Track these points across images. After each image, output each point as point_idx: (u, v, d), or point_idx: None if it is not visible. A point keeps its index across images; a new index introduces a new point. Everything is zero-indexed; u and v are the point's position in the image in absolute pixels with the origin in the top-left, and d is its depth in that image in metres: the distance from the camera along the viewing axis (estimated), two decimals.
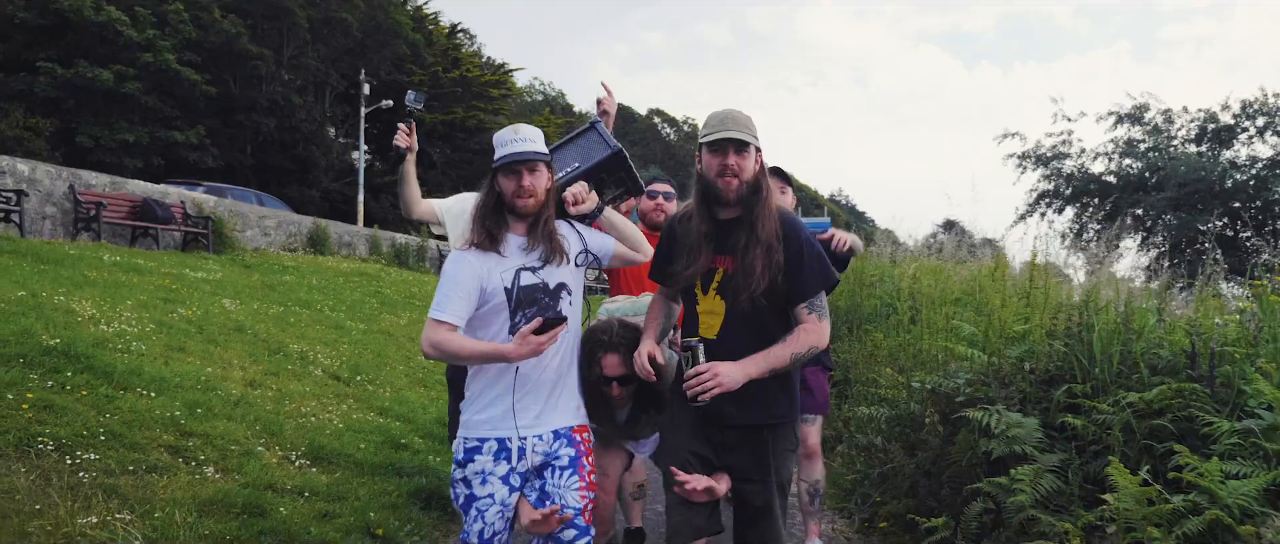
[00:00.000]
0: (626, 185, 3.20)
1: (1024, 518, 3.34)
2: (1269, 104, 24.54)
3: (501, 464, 2.69)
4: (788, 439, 2.81)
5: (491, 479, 2.68)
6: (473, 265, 2.68)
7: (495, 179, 2.76)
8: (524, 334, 2.50)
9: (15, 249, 9.01)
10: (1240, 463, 2.81)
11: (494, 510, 2.68)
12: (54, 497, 3.61)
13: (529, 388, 2.70)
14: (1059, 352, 4.07)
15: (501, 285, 2.69)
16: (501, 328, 2.69)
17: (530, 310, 2.69)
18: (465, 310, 2.65)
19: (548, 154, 2.78)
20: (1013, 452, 3.61)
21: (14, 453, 3.90)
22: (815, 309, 2.66)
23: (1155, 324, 4.11)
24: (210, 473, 4.25)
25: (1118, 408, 3.51)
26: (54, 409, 4.36)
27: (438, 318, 2.64)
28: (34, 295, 6.43)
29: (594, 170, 3.06)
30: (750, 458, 2.74)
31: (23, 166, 11.86)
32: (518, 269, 2.71)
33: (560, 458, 2.73)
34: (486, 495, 2.68)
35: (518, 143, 2.72)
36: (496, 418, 2.70)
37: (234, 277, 11.04)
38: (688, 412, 2.69)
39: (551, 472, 2.72)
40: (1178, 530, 2.76)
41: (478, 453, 2.70)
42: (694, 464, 2.70)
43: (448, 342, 2.62)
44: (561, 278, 2.76)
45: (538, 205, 2.72)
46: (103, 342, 5.63)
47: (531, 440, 2.70)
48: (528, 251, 2.73)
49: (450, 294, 2.65)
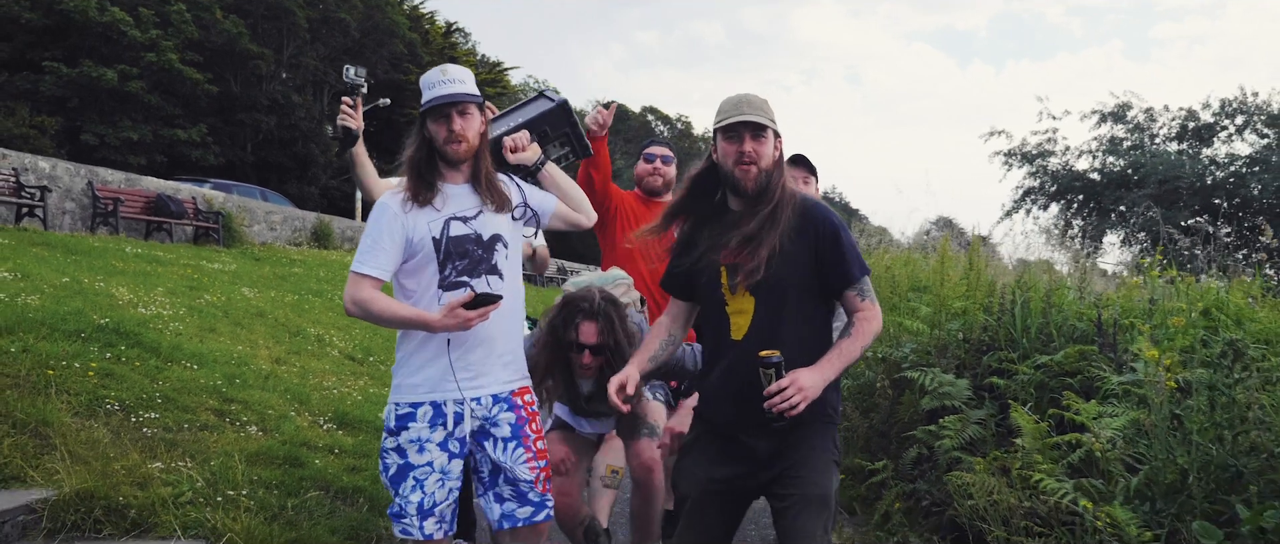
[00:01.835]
0: (572, 145, 3.01)
1: (950, 459, 3.97)
2: (1248, 103, 25.17)
3: (438, 430, 2.53)
4: (829, 445, 2.46)
5: (429, 446, 2.52)
6: (397, 214, 2.51)
7: (424, 125, 2.57)
8: (452, 306, 2.35)
9: (46, 241, 9.61)
10: (1114, 405, 3.44)
11: (433, 478, 2.52)
12: (127, 445, 4.23)
13: (465, 347, 2.53)
14: (991, 324, 4.71)
15: (429, 235, 2.52)
16: (431, 281, 2.54)
17: (460, 262, 2.54)
18: (390, 263, 2.51)
19: (480, 96, 2.60)
20: (944, 406, 4.24)
21: (86, 412, 4.50)
22: (866, 294, 2.45)
23: (1075, 300, 4.75)
24: (253, 431, 4.87)
25: (1034, 369, 4.15)
26: (114, 377, 4.97)
27: (359, 271, 2.49)
28: (76, 281, 7.03)
29: (537, 121, 2.87)
30: (790, 466, 2.41)
31: (44, 164, 12.44)
32: (448, 219, 2.54)
33: (500, 425, 2.58)
34: (425, 463, 2.52)
35: (446, 84, 2.53)
36: (432, 380, 2.54)
37: (247, 268, 11.64)
38: (710, 433, 2.50)
39: (493, 444, 2.57)
40: (1064, 461, 3.39)
41: (412, 419, 2.53)
42: (711, 498, 2.48)
43: (372, 301, 2.47)
44: (497, 229, 2.59)
45: (470, 151, 2.56)
46: (145, 322, 6.24)
47: (469, 404, 2.55)
48: (461, 201, 2.58)
49: (374, 245, 2.49)
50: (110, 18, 24.90)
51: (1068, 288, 4.74)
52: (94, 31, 25.15)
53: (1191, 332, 3.63)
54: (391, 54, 35.68)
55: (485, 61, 44.19)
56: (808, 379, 2.26)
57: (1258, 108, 24.88)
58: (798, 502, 2.36)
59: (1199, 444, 2.65)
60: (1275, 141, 24.58)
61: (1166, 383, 2.78)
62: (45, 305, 5.91)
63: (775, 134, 2.45)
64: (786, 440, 2.40)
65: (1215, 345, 2.96)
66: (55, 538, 3.56)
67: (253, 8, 29.45)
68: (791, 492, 2.37)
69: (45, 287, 6.58)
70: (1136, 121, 26.51)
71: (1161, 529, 2.58)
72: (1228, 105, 25.25)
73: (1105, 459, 3.08)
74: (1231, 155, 25.27)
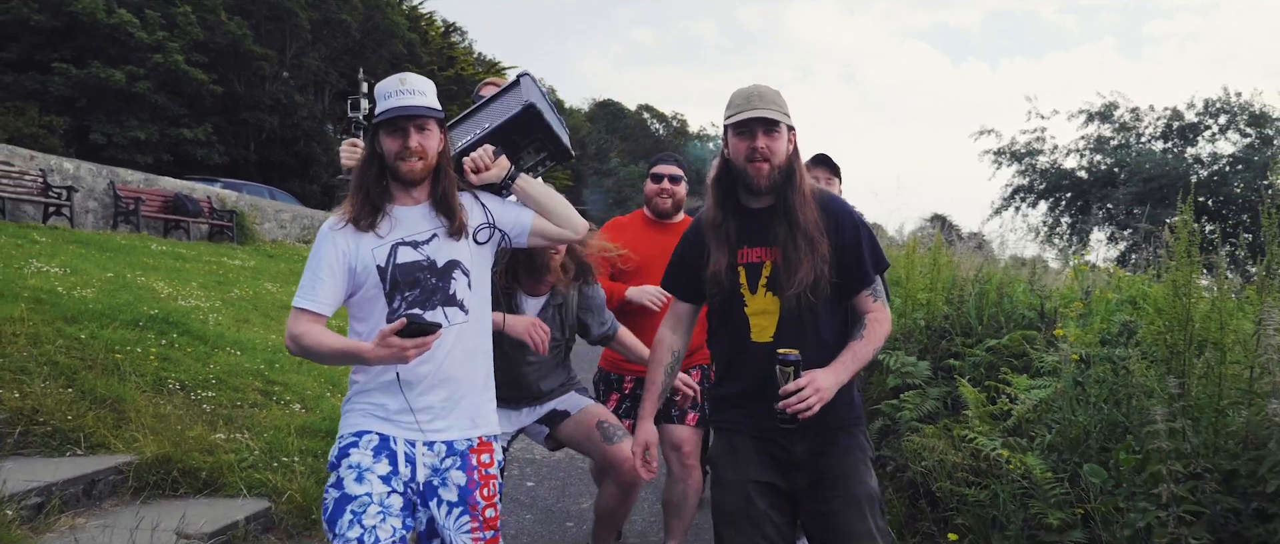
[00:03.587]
0: (547, 148, 2.61)
1: (909, 428, 4.59)
2: (1230, 103, 25.80)
3: (382, 462, 2.23)
4: (866, 444, 2.44)
5: (369, 476, 2.20)
6: (337, 242, 2.26)
7: (376, 138, 2.30)
8: (384, 334, 2.03)
9: (77, 239, 10.20)
10: (1043, 379, 4.06)
11: (373, 510, 2.17)
12: (191, 419, 4.83)
13: (422, 387, 2.26)
14: (951, 313, 5.34)
15: (374, 263, 2.26)
16: (380, 318, 2.26)
17: (411, 293, 2.27)
18: (332, 296, 2.25)
19: (441, 111, 2.33)
20: (907, 384, 4.86)
21: (153, 390, 5.10)
22: (878, 295, 2.40)
23: (1025, 291, 5.38)
24: (296, 409, 5.47)
25: (985, 351, 4.77)
26: (171, 361, 5.57)
27: (299, 305, 2.23)
28: (120, 276, 7.63)
29: (502, 132, 2.51)
30: (831, 468, 2.34)
31: (68, 166, 13.04)
32: (395, 244, 2.27)
33: (447, 485, 2.28)
34: (363, 494, 2.18)
35: (404, 94, 2.26)
36: (383, 413, 2.27)
37: (264, 264, 12.25)
38: (743, 440, 2.38)
39: (437, 503, 2.27)
40: (1000, 426, 4.00)
41: (354, 447, 2.24)
42: (759, 496, 2.34)
43: (306, 334, 2.19)
44: (454, 255, 2.31)
45: (427, 170, 2.29)
46: (187, 313, 6.84)
47: (420, 448, 2.26)
48: (411, 224, 2.31)
49: (313, 278, 2.25)
50: (118, 20, 25.43)
51: (1019, 281, 5.37)
52: (102, 33, 25.66)
53: (1116, 317, 4.25)
54: (391, 54, 36.21)
55: (482, 60, 44.72)
56: (825, 380, 2.20)
57: (1240, 107, 25.52)
58: (848, 502, 2.29)
59: (1095, 405, 3.26)
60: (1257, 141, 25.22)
61: (1072, 357, 3.40)
62: (100, 297, 6.51)
63: (789, 128, 2.35)
64: (823, 444, 2.34)
65: (1113, 325, 3.58)
66: (140, 495, 4.16)
67: (256, 9, 30.01)
68: (837, 493, 2.29)
69: (94, 281, 7.18)
70: (1122, 121, 27.18)
71: (1065, 473, 3.19)
72: (1211, 105, 25.88)
73: (1027, 422, 3.70)
74: (1214, 154, 25.96)
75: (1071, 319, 4.49)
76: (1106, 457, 3.11)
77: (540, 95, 2.65)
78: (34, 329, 5.29)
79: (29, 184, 12.06)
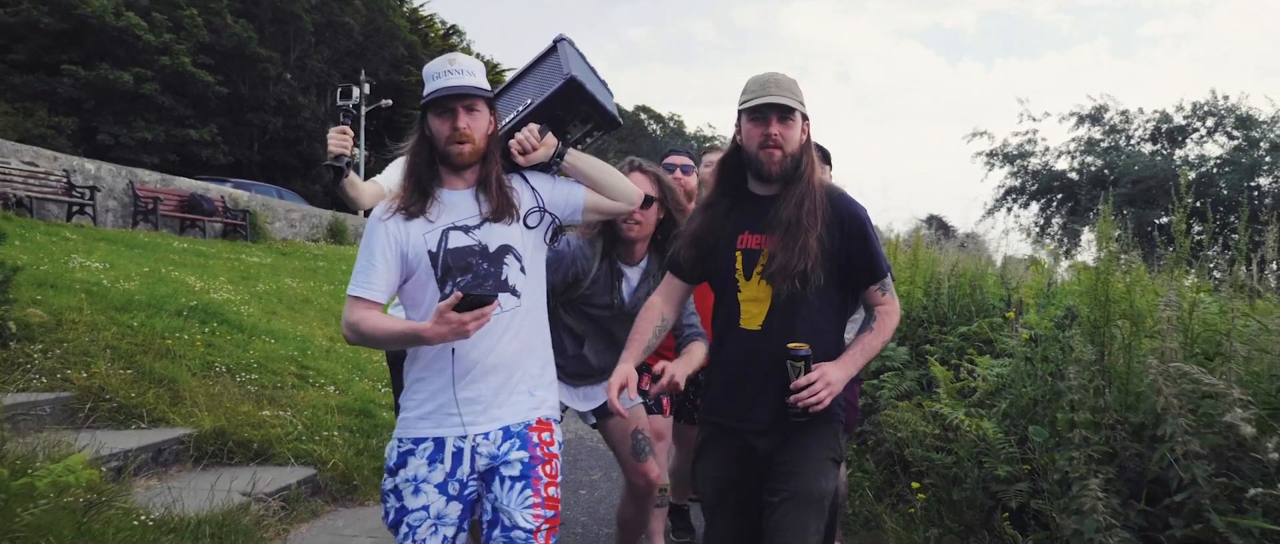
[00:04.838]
0: (594, 118, 2.53)
1: (888, 405, 5.11)
2: (1218, 106, 26.30)
3: (437, 470, 2.24)
4: (830, 443, 2.36)
5: (425, 488, 2.24)
6: (389, 229, 2.25)
7: (425, 121, 2.28)
8: (441, 310, 2.03)
9: (104, 237, 10.70)
10: (1003, 359, 4.58)
11: (427, 526, 2.22)
12: (239, 398, 5.34)
13: (474, 375, 2.24)
14: (929, 303, 5.86)
15: (425, 249, 2.24)
16: (432, 304, 2.21)
17: (463, 278, 2.24)
18: (386, 282, 2.24)
19: (490, 91, 2.31)
20: (887, 367, 5.38)
21: (202, 373, 5.61)
22: (887, 289, 2.39)
23: (997, 283, 5.91)
24: (330, 391, 5.98)
25: (958, 337, 5.29)
26: (215, 347, 6.08)
27: (355, 293, 2.24)
28: (155, 271, 8.14)
29: (545, 108, 2.45)
30: (784, 462, 2.31)
31: (90, 166, 13.55)
32: (445, 229, 2.25)
33: (510, 464, 2.25)
34: (419, 507, 2.23)
35: (453, 74, 2.24)
36: (435, 413, 2.26)
37: (279, 262, 12.76)
38: (719, 432, 2.41)
39: (499, 481, 2.24)
40: (966, 402, 4.53)
41: (411, 455, 2.25)
42: (727, 492, 2.39)
43: (363, 320, 2.20)
44: (506, 239, 2.28)
45: (476, 153, 2.26)
46: (222, 305, 7.34)
47: (476, 439, 2.25)
48: (461, 209, 2.28)
49: (367, 265, 2.24)
50: (125, 22, 25.90)
51: (990, 275, 5.89)
52: (109, 35, 26.13)
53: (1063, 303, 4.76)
54: (393, 56, 36.71)
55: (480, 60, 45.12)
56: (835, 374, 2.21)
57: (1227, 110, 26.03)
58: (788, 499, 2.25)
59: (1042, 377, 3.79)
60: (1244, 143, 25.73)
61: (1022, 337, 3.92)
62: (142, 290, 7.01)
63: (804, 117, 2.35)
64: (786, 438, 2.31)
65: (1061, 309, 4.10)
66: (200, 463, 4.68)
67: (261, 12, 30.51)
68: (783, 488, 2.27)
69: (133, 275, 7.69)
70: (1112, 123, 27.70)
71: (1015, 435, 3.71)
72: (1199, 108, 26.36)
73: (988, 396, 4.22)
74: (1202, 156, 26.48)
75: (1031, 306, 5.02)
76: (1049, 420, 3.63)
77: (580, 61, 2.58)
78: (91, 318, 5.79)
79: (53, 184, 12.55)
